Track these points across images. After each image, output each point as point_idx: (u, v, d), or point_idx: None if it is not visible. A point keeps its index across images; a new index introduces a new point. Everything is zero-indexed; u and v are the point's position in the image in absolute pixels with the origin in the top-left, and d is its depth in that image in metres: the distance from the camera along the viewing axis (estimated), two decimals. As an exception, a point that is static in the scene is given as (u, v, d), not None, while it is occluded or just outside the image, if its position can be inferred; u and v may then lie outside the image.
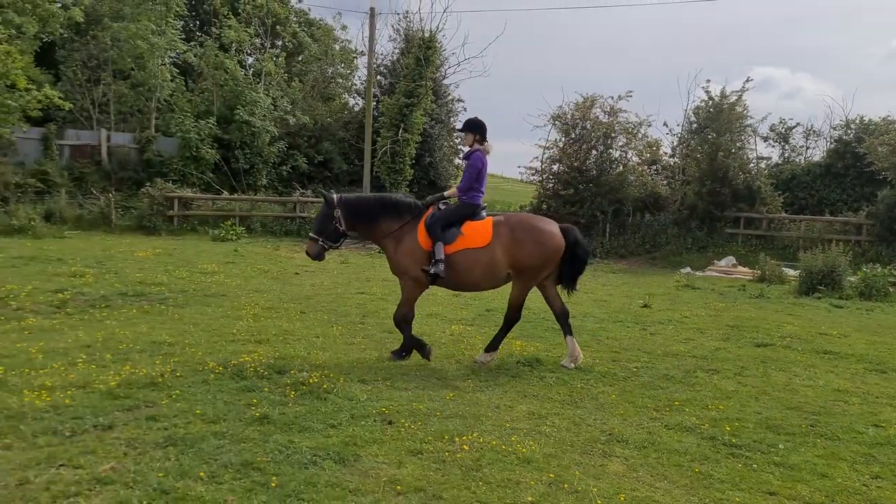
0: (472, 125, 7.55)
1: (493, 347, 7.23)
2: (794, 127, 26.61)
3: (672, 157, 25.09)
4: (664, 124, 31.99)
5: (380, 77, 28.79)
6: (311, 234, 7.35)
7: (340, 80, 32.62)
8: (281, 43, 30.48)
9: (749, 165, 22.28)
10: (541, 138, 32.59)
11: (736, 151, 21.66)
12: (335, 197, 7.27)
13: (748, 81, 22.36)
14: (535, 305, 9.31)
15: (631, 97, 23.01)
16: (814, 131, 26.52)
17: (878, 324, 10.93)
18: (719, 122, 21.55)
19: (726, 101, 21.78)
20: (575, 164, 22.51)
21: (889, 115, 22.71)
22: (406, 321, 7.21)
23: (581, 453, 4.81)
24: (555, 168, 23.35)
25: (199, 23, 31.77)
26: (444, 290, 8.17)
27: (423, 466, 4.41)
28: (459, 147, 27.80)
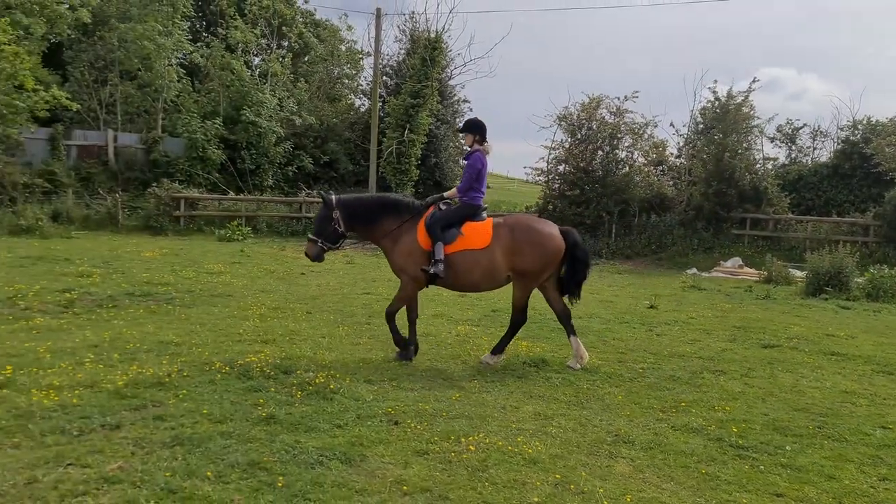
0: (471, 125, 7.56)
1: (499, 350, 7.22)
2: (801, 128, 26.56)
3: (678, 157, 25.06)
4: (670, 125, 31.98)
5: (386, 78, 28.84)
6: (309, 236, 7.37)
7: (346, 81, 32.71)
8: (287, 44, 30.57)
9: (756, 166, 22.19)
10: (547, 139, 32.66)
11: (742, 152, 21.58)
12: (333, 198, 7.27)
13: (755, 82, 22.31)
14: (542, 306, 9.27)
15: (637, 98, 22.97)
16: (821, 132, 26.49)
17: (886, 325, 10.88)
18: (726, 122, 21.48)
19: (733, 102, 21.70)
20: (581, 164, 22.46)
21: (896, 116, 22.68)
22: (410, 320, 7.26)
23: (587, 454, 4.80)
24: (561, 169, 23.30)
25: (205, 24, 31.89)
26: (449, 290, 8.17)
27: (429, 467, 4.42)
28: (465, 148, 27.79)
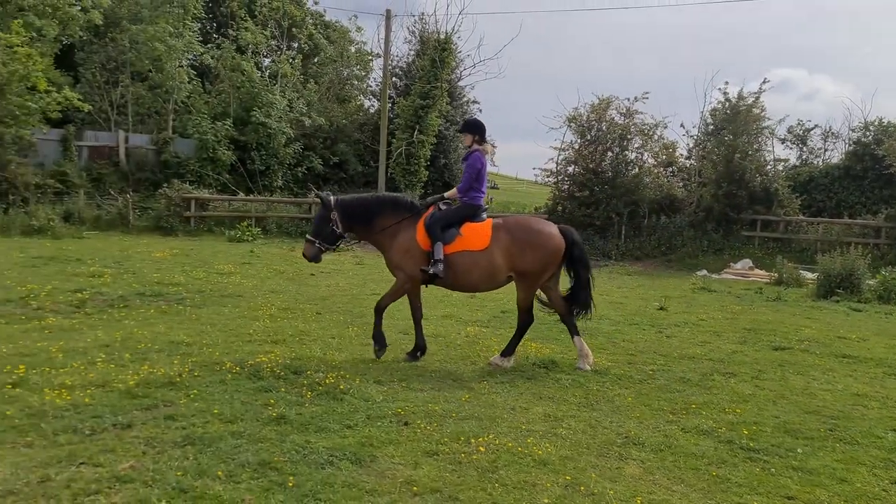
0: (470, 125, 7.56)
1: (508, 352, 7.21)
2: (813, 129, 26.42)
3: (688, 159, 24.97)
4: (681, 125, 31.86)
5: (395, 79, 28.88)
6: (307, 236, 7.40)
7: (356, 82, 32.75)
8: (297, 45, 30.68)
9: (766, 167, 22.08)
10: (556, 139, 32.62)
11: (753, 153, 21.49)
12: (332, 199, 7.28)
13: (765, 83, 22.28)
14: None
15: (647, 99, 22.94)
16: (832, 133, 26.36)
17: (898, 328, 10.81)
18: (736, 123, 21.40)
19: (743, 103, 21.62)
20: (590, 165, 22.43)
21: (909, 117, 22.55)
22: (416, 320, 7.31)
23: (597, 456, 4.80)
24: (570, 170, 23.27)
25: (216, 25, 32.03)
26: (458, 292, 8.18)
27: (439, 468, 4.42)
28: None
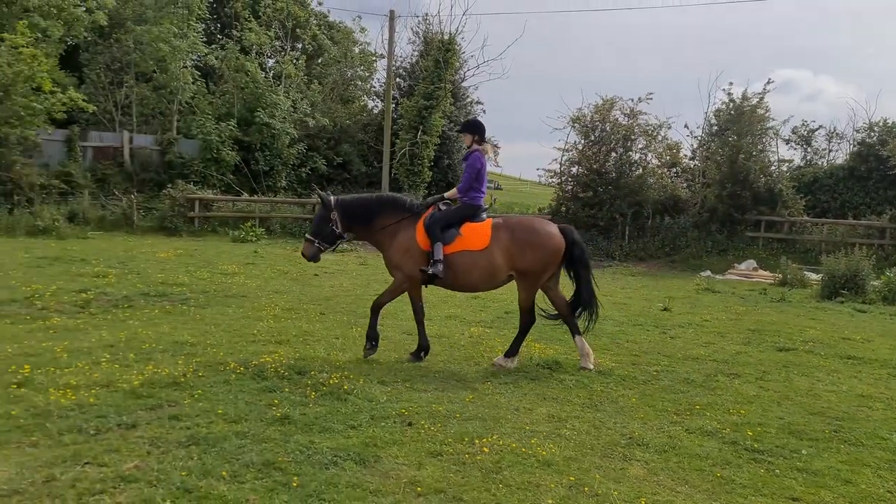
0: (470, 126, 7.56)
1: (512, 353, 7.20)
2: (817, 129, 26.35)
3: (692, 159, 24.93)
4: (685, 126, 31.84)
5: (399, 79, 28.90)
6: (307, 236, 7.40)
7: (360, 83, 32.78)
8: (301, 45, 30.71)
9: (770, 168, 22.05)
10: (560, 140, 32.61)
11: (757, 154, 21.45)
12: (332, 199, 7.28)
13: (769, 83, 22.12)
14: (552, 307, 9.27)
15: (651, 99, 22.93)
16: (837, 134, 26.26)
17: (903, 329, 10.77)
18: (740, 124, 21.36)
19: (747, 104, 21.58)
20: (594, 166, 22.41)
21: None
22: (418, 321, 7.29)
23: (601, 457, 4.79)
24: (574, 170, 23.26)
25: (220, 26, 32.09)
26: (460, 292, 8.18)
27: (442, 468, 4.42)
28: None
